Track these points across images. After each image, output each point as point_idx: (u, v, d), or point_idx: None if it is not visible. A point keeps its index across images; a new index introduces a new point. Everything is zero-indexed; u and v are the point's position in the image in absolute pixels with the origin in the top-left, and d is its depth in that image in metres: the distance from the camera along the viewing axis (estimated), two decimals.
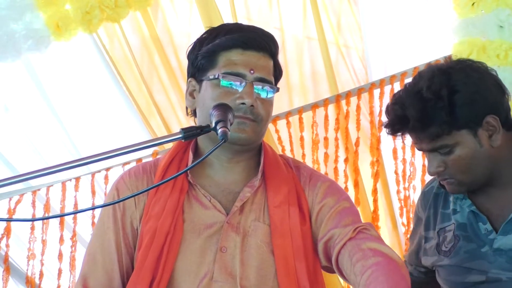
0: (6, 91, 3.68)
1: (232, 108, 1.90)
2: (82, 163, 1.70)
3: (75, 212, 3.49)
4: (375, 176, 3.40)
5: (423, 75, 2.15)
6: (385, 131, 2.20)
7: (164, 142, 1.81)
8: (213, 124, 1.80)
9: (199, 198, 2.06)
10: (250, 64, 2.04)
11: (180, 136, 1.75)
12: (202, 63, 2.07)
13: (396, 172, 3.38)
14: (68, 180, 3.46)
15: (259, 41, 2.07)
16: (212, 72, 2.05)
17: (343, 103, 3.47)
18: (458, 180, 2.14)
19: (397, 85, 3.40)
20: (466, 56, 3.04)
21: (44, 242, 3.41)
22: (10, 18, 3.30)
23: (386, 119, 2.18)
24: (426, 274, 2.33)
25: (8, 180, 1.66)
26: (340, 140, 3.43)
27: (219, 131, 1.76)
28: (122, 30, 3.63)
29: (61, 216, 3.37)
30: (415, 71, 3.30)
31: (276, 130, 3.43)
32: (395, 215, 3.65)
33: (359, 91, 3.48)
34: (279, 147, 3.41)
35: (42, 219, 3.44)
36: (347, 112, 3.46)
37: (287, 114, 3.45)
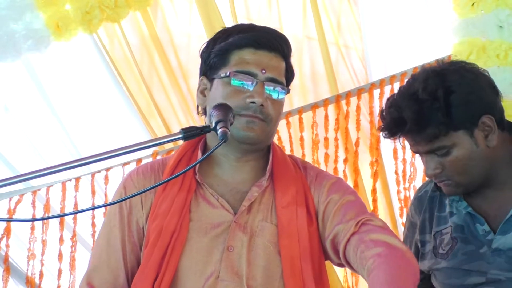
0: (6, 91, 3.68)
1: (232, 108, 1.90)
2: (82, 163, 1.70)
3: (75, 212, 3.49)
4: (375, 176, 3.40)
5: (416, 77, 2.14)
6: (382, 135, 2.20)
7: (164, 142, 1.81)
8: (213, 124, 1.80)
9: (207, 197, 2.05)
10: (262, 63, 2.04)
11: (180, 136, 1.75)
12: (214, 61, 2.07)
13: (396, 172, 3.38)
14: (68, 180, 3.46)
15: (272, 41, 2.07)
16: (224, 70, 2.05)
17: (343, 103, 3.47)
18: (456, 181, 2.14)
19: (397, 85, 3.39)
20: (466, 56, 3.03)
21: (44, 242, 3.41)
22: (10, 18, 3.30)
23: (382, 123, 2.18)
24: (421, 281, 2.30)
25: (8, 180, 1.66)
26: (340, 140, 3.43)
27: (219, 131, 1.76)
28: (122, 30, 3.63)
29: (61, 216, 3.37)
30: (414, 71, 3.29)
31: (276, 130, 3.41)
32: (395, 215, 3.65)
33: (359, 91, 3.48)
34: None
35: (42, 219, 3.44)
36: (347, 112, 3.46)
37: (287, 114, 3.44)
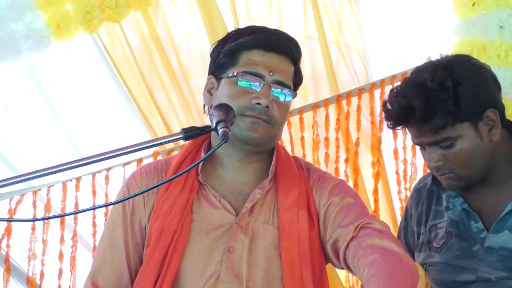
0: (6, 91, 3.68)
1: (233, 109, 1.89)
2: (83, 163, 1.70)
3: (75, 212, 3.49)
4: (376, 176, 3.39)
5: (423, 68, 2.14)
6: (386, 125, 2.19)
7: (164, 142, 1.81)
8: (214, 125, 1.80)
9: (209, 198, 2.05)
10: (270, 66, 2.03)
11: (180, 136, 1.75)
12: (223, 60, 2.07)
13: (397, 172, 3.37)
14: (69, 180, 3.46)
15: (282, 44, 2.06)
16: (232, 70, 2.04)
17: (343, 103, 3.47)
18: (458, 174, 2.14)
19: (395, 86, 3.39)
20: None
21: (44, 242, 3.41)
22: (11, 18, 3.30)
23: (386, 113, 2.17)
24: None
25: (9, 180, 1.66)
26: (340, 140, 3.43)
27: (220, 131, 1.75)
28: (123, 30, 3.63)
29: (61, 216, 3.37)
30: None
31: (281, 133, 3.42)
32: (396, 215, 3.65)
33: (360, 91, 3.48)
34: None
35: (43, 219, 3.44)
36: (348, 112, 3.45)
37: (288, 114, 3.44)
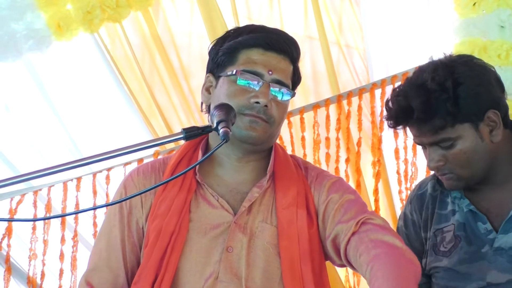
0: (7, 91, 3.68)
1: (234, 108, 1.89)
2: (84, 163, 1.70)
3: (76, 212, 3.49)
4: (377, 176, 3.39)
5: (425, 68, 2.14)
6: (386, 124, 2.18)
7: (165, 142, 1.80)
8: (214, 124, 1.79)
9: (207, 198, 2.04)
10: (269, 65, 2.03)
11: (181, 136, 1.74)
12: (222, 59, 2.06)
13: (398, 172, 3.37)
14: (70, 180, 3.46)
15: (281, 43, 2.06)
16: (231, 69, 2.04)
17: (344, 103, 3.47)
18: (458, 174, 2.13)
19: (398, 85, 3.39)
20: None
21: (45, 242, 3.42)
22: (11, 18, 3.30)
23: (387, 112, 2.16)
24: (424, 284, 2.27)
25: (10, 180, 1.66)
26: (341, 140, 3.43)
27: (221, 131, 1.75)
28: (124, 30, 3.63)
29: (62, 216, 3.37)
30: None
31: (279, 133, 3.42)
32: (397, 215, 3.64)
33: (361, 91, 3.48)
34: None
35: (44, 219, 3.44)
36: (349, 112, 3.45)
37: (288, 114, 3.43)
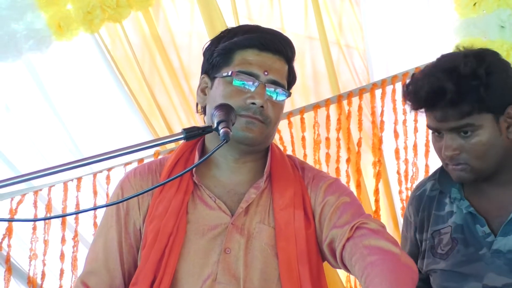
0: (7, 91, 3.68)
1: (234, 108, 1.89)
2: (84, 163, 1.70)
3: (77, 212, 3.49)
4: (377, 177, 3.40)
5: (452, 56, 2.13)
6: (408, 106, 2.15)
7: (166, 142, 1.80)
8: (215, 125, 1.79)
9: (204, 199, 2.04)
10: (265, 65, 2.03)
11: (182, 136, 1.74)
12: (217, 60, 2.06)
13: (398, 172, 3.38)
14: (70, 180, 3.46)
15: (276, 43, 2.06)
16: (226, 70, 2.03)
17: (344, 103, 3.47)
18: (472, 165, 2.10)
19: (398, 85, 3.39)
20: None
21: (46, 242, 3.42)
22: (11, 18, 3.30)
23: (410, 95, 2.14)
24: (421, 281, 2.25)
25: (10, 180, 1.65)
26: (341, 141, 3.43)
27: (221, 131, 1.75)
28: (124, 30, 3.63)
29: (63, 216, 3.37)
30: (416, 71, 3.29)
31: (278, 130, 3.41)
32: (397, 215, 3.65)
33: (361, 91, 3.48)
34: (280, 147, 3.39)
35: (44, 219, 3.44)
36: (349, 112, 3.45)
37: (289, 114, 3.44)
